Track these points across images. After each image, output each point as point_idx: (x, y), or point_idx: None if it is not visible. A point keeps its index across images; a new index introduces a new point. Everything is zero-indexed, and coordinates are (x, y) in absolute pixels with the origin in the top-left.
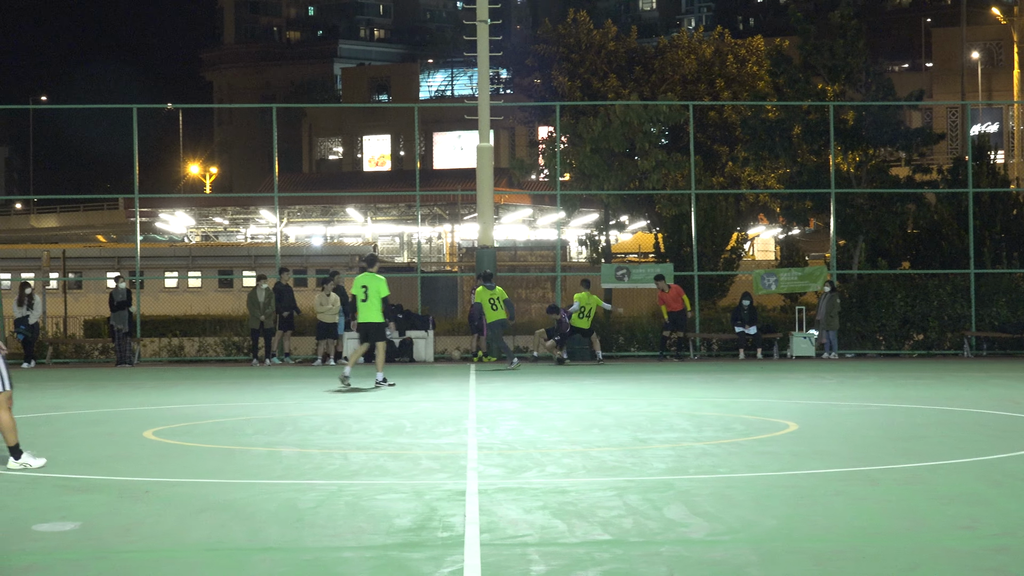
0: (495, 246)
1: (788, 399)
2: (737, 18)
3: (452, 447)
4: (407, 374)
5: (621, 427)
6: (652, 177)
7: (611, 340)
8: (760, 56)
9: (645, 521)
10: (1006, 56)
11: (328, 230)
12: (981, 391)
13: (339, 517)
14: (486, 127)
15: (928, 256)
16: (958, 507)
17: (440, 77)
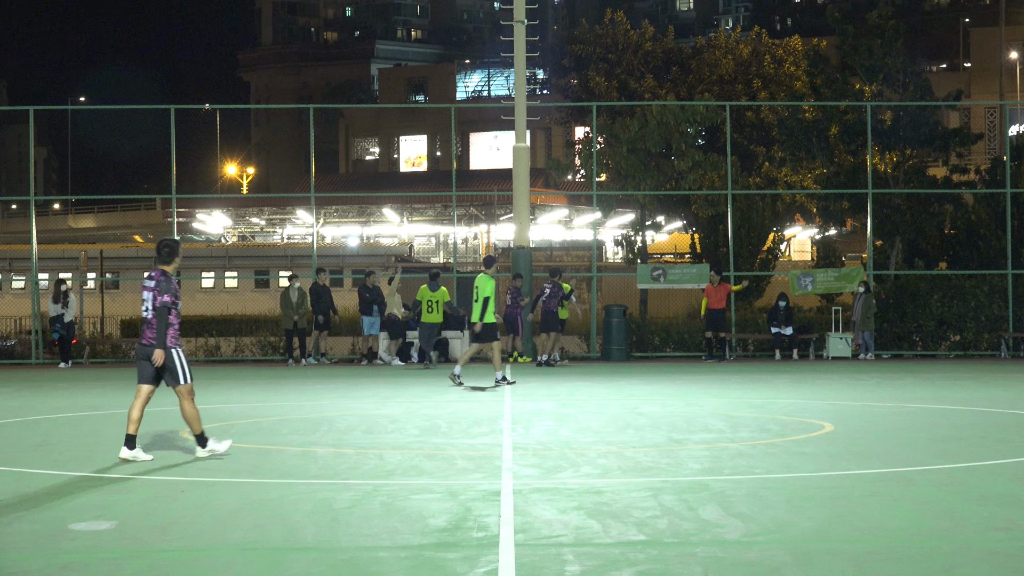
0: (531, 246)
1: (824, 400)
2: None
3: (487, 447)
4: (442, 375)
5: (656, 428)
6: (688, 177)
7: (647, 341)
8: (797, 56)
9: (680, 522)
10: None
11: (364, 230)
12: (1018, 392)
13: (374, 517)
14: (522, 127)
15: (965, 257)
16: (995, 508)
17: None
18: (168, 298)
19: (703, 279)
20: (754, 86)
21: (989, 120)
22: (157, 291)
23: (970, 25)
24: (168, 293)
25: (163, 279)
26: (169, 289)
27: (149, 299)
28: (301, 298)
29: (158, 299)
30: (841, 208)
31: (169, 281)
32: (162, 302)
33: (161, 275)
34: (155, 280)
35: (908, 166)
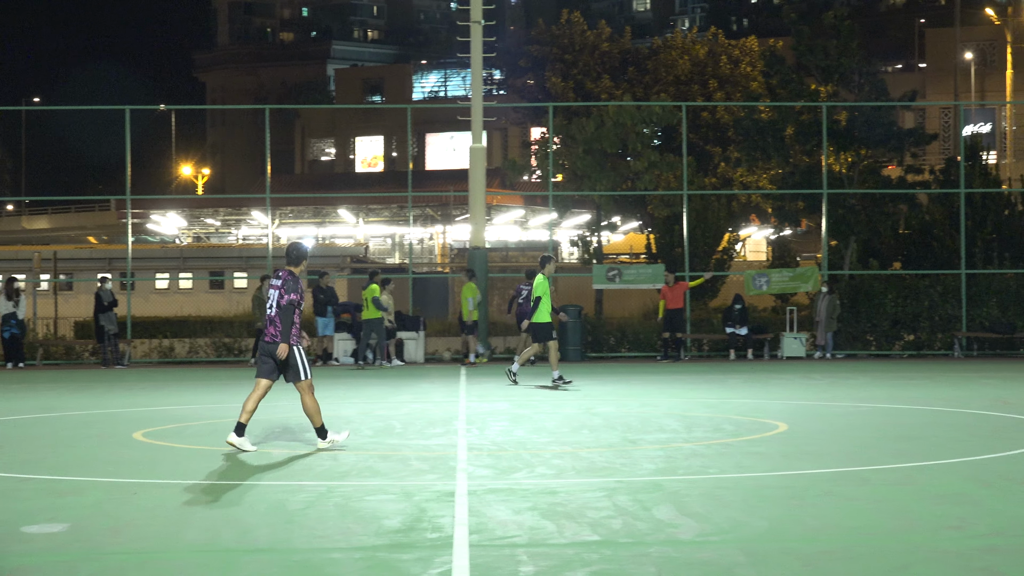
0: (487, 247)
1: (778, 400)
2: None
3: (442, 448)
4: (397, 375)
5: (611, 428)
6: (644, 178)
7: (602, 341)
8: (754, 57)
9: (634, 522)
10: (999, 56)
11: (320, 231)
12: (971, 392)
13: (328, 518)
14: (479, 128)
15: (919, 257)
16: (948, 507)
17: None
18: (294, 296)
19: (658, 279)
20: (710, 87)
21: (944, 120)
22: (284, 289)
23: (925, 26)
24: (294, 292)
25: (290, 279)
26: (295, 288)
27: (275, 297)
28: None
29: (284, 297)
30: (796, 208)
31: (296, 281)
32: (288, 300)
33: (289, 275)
34: (282, 279)
35: (863, 166)
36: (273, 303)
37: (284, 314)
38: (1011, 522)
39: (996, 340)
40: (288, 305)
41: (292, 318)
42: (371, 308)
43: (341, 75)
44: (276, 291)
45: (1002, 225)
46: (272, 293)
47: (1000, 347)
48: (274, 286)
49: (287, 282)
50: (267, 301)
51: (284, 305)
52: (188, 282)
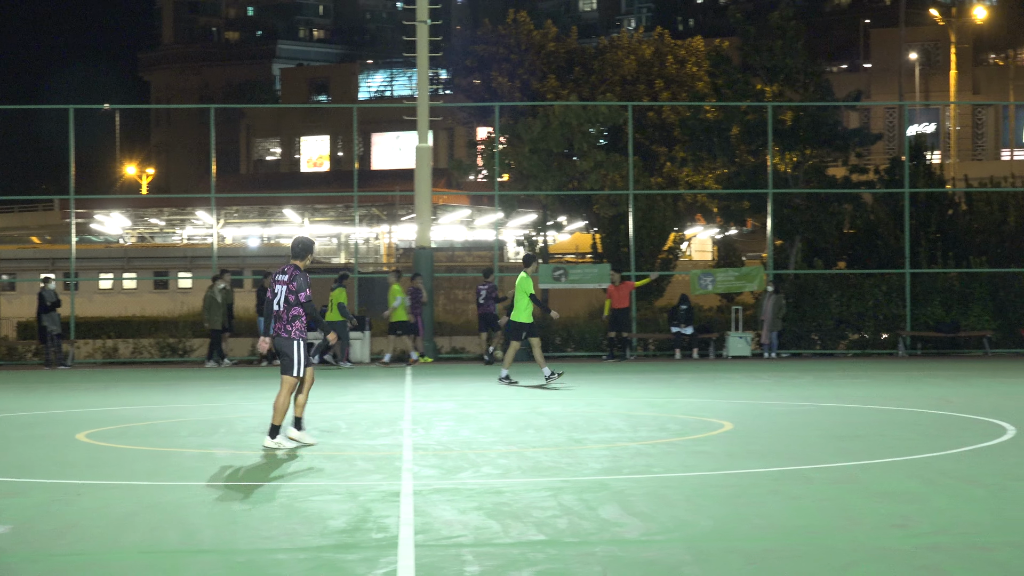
0: (432, 247)
1: (724, 399)
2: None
3: (387, 448)
4: (342, 376)
5: (557, 427)
6: (590, 177)
7: (548, 341)
8: (699, 57)
9: (580, 521)
10: (943, 57)
11: (265, 231)
12: (915, 390)
13: (273, 519)
14: (425, 128)
15: (864, 256)
16: (892, 506)
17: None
18: (309, 292)
19: (604, 279)
20: (656, 86)
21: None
22: (293, 285)
23: (870, 26)
24: (308, 287)
25: (298, 273)
26: (304, 285)
27: (281, 292)
28: (227, 298)
29: (302, 295)
30: (742, 208)
31: (305, 276)
32: (307, 297)
33: (295, 269)
34: (289, 275)
35: (808, 166)
36: (281, 299)
37: (307, 308)
38: (954, 520)
39: (940, 339)
40: (308, 302)
41: (300, 312)
42: (335, 311)
43: (287, 74)
44: (283, 287)
45: (946, 225)
46: (279, 288)
47: (944, 346)
48: (280, 281)
49: (295, 277)
50: (274, 297)
51: (304, 302)
52: (132, 282)
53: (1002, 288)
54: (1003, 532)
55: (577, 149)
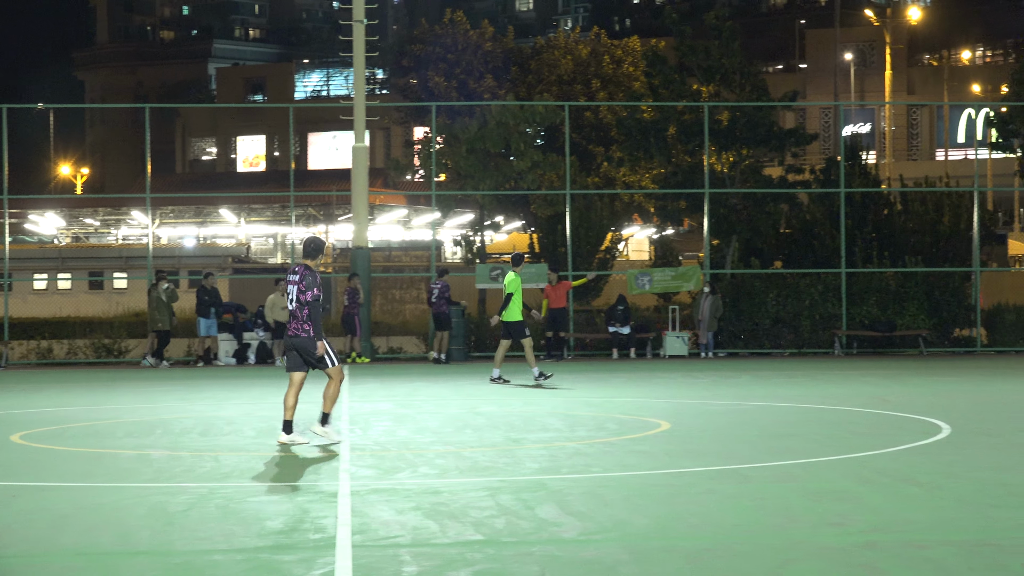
0: (369, 247)
1: (661, 398)
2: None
3: (325, 449)
4: (280, 376)
5: (495, 427)
6: (528, 177)
7: (485, 340)
8: (636, 57)
9: (518, 521)
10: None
11: (201, 231)
12: (851, 389)
13: (210, 520)
14: (362, 127)
15: (800, 256)
16: (828, 504)
17: (316, 77)
18: (317, 291)
19: (541, 279)
20: (593, 86)
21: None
22: (303, 285)
23: (806, 27)
24: (316, 287)
25: (308, 273)
26: (315, 283)
27: (293, 292)
28: (171, 298)
29: (309, 294)
30: (678, 208)
31: (315, 276)
32: (314, 296)
33: (305, 269)
34: (299, 275)
35: (744, 166)
36: (293, 299)
37: (314, 309)
38: (890, 518)
39: (876, 338)
40: (315, 301)
41: (318, 312)
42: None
43: (222, 74)
44: (295, 287)
45: (881, 224)
46: (291, 289)
47: (879, 345)
48: (291, 281)
49: (305, 277)
50: (287, 297)
51: (311, 300)
52: (67, 283)
53: (937, 288)
54: (938, 530)
55: (514, 149)
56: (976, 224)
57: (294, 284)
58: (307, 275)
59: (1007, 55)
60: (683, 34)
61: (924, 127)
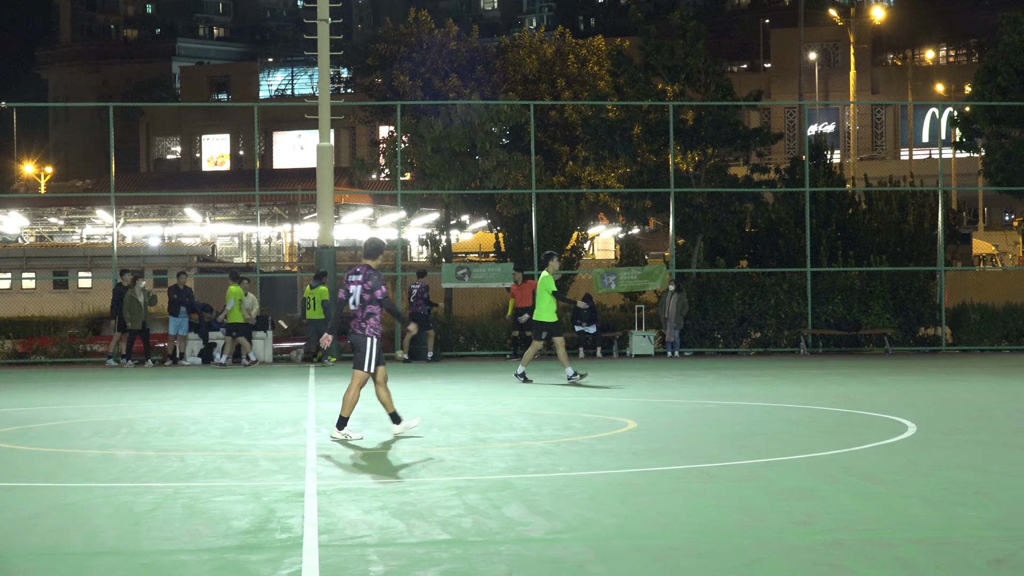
0: (335, 246)
1: (627, 398)
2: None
3: (291, 448)
4: (245, 375)
5: (461, 426)
6: (493, 177)
7: (452, 340)
8: (601, 56)
9: (484, 520)
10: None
11: (166, 230)
12: (816, 388)
13: (176, 520)
14: (326, 126)
15: (765, 255)
16: (794, 503)
17: (280, 76)
18: (385, 288)
19: (507, 278)
20: (558, 85)
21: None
22: (368, 284)
23: (770, 26)
24: (383, 284)
25: (372, 273)
26: (381, 282)
27: (356, 292)
28: (147, 298)
29: (378, 292)
30: (644, 207)
31: (379, 275)
32: (383, 294)
33: (368, 270)
34: (362, 274)
35: (710, 165)
36: (356, 298)
37: (387, 304)
38: (856, 517)
39: (841, 337)
40: (385, 298)
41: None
42: (318, 309)
43: (186, 73)
44: (358, 286)
45: (846, 223)
46: (353, 289)
47: (845, 344)
48: (354, 281)
49: (370, 277)
50: (348, 296)
51: (382, 299)
52: (31, 282)
53: (902, 287)
54: (903, 528)
55: (479, 148)
56: (940, 223)
57: (357, 284)
58: (371, 275)
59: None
60: (648, 33)
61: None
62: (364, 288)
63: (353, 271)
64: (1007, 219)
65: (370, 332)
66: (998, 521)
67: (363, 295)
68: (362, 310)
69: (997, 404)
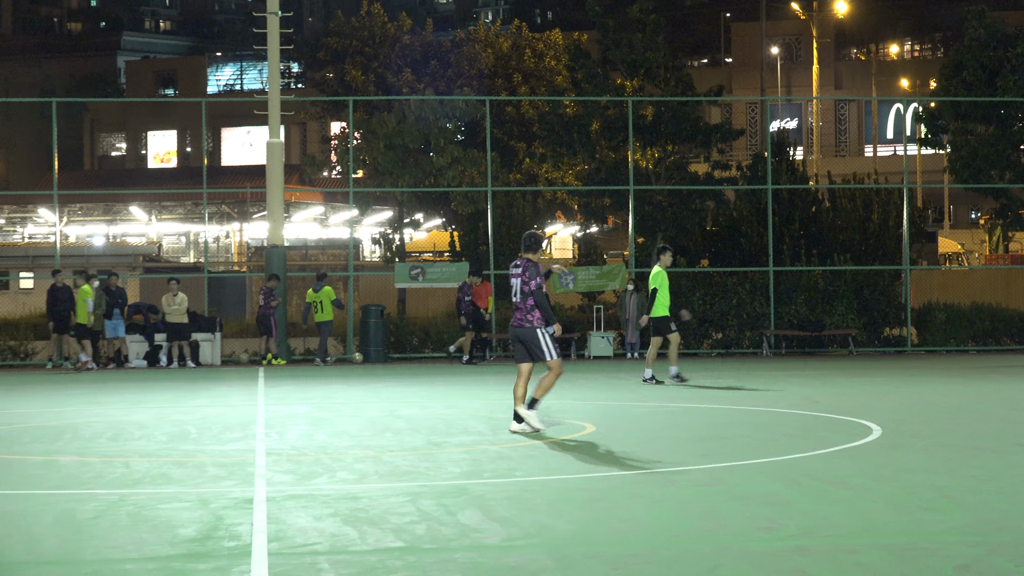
0: (285, 245)
1: (586, 400)
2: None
3: (239, 453)
4: (192, 378)
5: (415, 431)
6: (447, 174)
7: (405, 341)
8: (558, 50)
9: (439, 527)
10: (805, 51)
11: (111, 229)
12: (780, 390)
13: (120, 528)
14: (276, 122)
15: (727, 254)
16: (757, 508)
17: (229, 71)
18: (540, 280)
19: (462, 278)
20: (514, 80)
21: (750, 116)
22: (527, 276)
23: (731, 20)
24: (539, 277)
25: (530, 265)
26: (537, 273)
27: (517, 285)
28: (99, 298)
29: (533, 283)
30: (603, 205)
31: (536, 267)
32: (537, 284)
33: (528, 262)
34: (522, 267)
35: (670, 162)
36: (517, 291)
37: (539, 296)
38: (820, 522)
39: (804, 338)
40: (538, 288)
41: (545, 300)
42: (327, 310)
43: (132, 67)
44: (518, 279)
45: (809, 222)
46: (514, 282)
47: (808, 345)
48: (514, 275)
49: (528, 268)
50: (512, 289)
51: (536, 289)
52: None
53: (866, 286)
54: (869, 534)
55: (434, 145)
56: (906, 221)
57: (516, 277)
58: (530, 267)
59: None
60: (606, 27)
61: (852, 122)
62: (523, 280)
63: (514, 264)
64: (973, 217)
65: (537, 324)
66: (965, 526)
67: (523, 287)
68: (524, 302)
69: (963, 406)
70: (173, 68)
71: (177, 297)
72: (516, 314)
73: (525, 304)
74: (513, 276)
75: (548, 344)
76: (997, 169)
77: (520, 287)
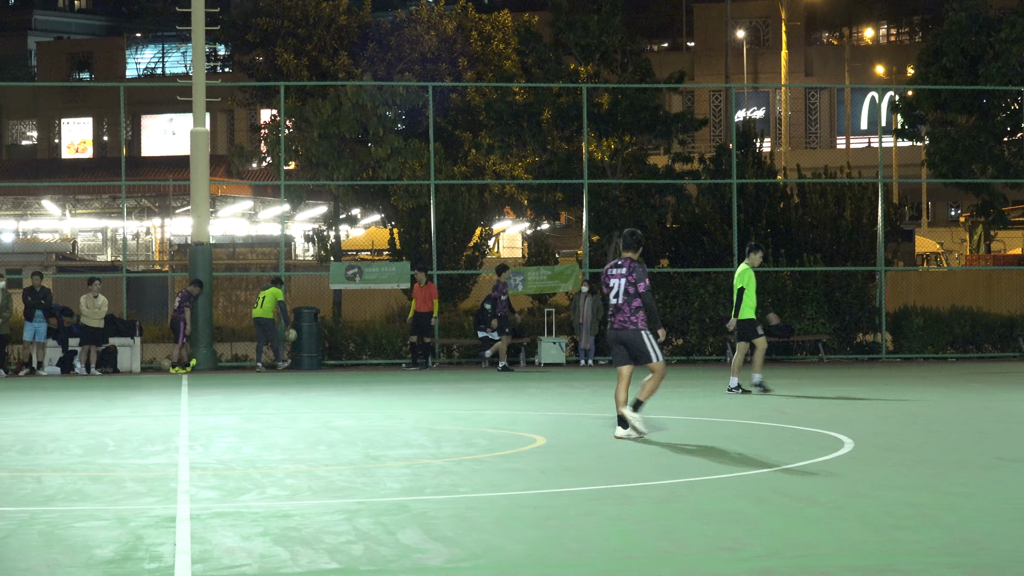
0: (211, 243)
1: (536, 411)
2: None
3: (161, 468)
4: (110, 387)
5: (352, 443)
6: (387, 166)
7: (341, 347)
8: (507, 33)
9: (377, 547)
10: (773, 36)
11: (21, 225)
12: (746, 400)
13: (32, 548)
14: (201, 109)
15: (689, 253)
16: (720, 526)
17: (149, 53)
18: (648, 282)
19: (403, 278)
20: (459, 65)
21: (714, 104)
22: (633, 277)
23: (693, 1)
24: (646, 278)
25: (635, 266)
26: (644, 275)
27: (619, 285)
28: (6, 300)
29: (641, 285)
30: (555, 200)
31: (643, 268)
32: (646, 287)
33: (631, 262)
34: (626, 267)
35: (627, 154)
36: (620, 291)
37: (648, 298)
38: (788, 542)
39: (772, 344)
40: (647, 292)
41: (653, 304)
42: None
43: (44, 49)
44: (622, 280)
45: (777, 219)
46: (614, 283)
47: (776, 351)
48: (615, 275)
49: (635, 270)
50: (610, 291)
51: (643, 292)
52: None
53: (838, 288)
54: (841, 554)
55: (372, 134)
56: (880, 219)
57: (619, 278)
58: (635, 268)
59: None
60: (559, 8)
61: (823, 112)
62: (628, 281)
63: (614, 264)
64: (953, 214)
65: (642, 326)
66: (943, 546)
67: (627, 288)
68: (628, 304)
69: (942, 417)
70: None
71: (98, 299)
72: (618, 316)
73: (630, 306)
74: (614, 277)
75: (653, 345)
76: (978, 163)
77: (625, 287)
